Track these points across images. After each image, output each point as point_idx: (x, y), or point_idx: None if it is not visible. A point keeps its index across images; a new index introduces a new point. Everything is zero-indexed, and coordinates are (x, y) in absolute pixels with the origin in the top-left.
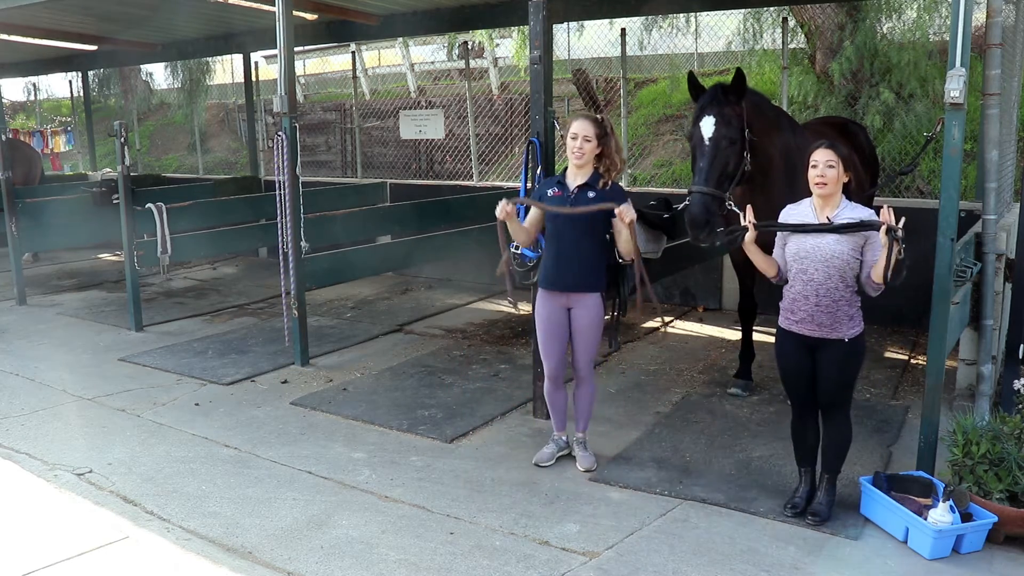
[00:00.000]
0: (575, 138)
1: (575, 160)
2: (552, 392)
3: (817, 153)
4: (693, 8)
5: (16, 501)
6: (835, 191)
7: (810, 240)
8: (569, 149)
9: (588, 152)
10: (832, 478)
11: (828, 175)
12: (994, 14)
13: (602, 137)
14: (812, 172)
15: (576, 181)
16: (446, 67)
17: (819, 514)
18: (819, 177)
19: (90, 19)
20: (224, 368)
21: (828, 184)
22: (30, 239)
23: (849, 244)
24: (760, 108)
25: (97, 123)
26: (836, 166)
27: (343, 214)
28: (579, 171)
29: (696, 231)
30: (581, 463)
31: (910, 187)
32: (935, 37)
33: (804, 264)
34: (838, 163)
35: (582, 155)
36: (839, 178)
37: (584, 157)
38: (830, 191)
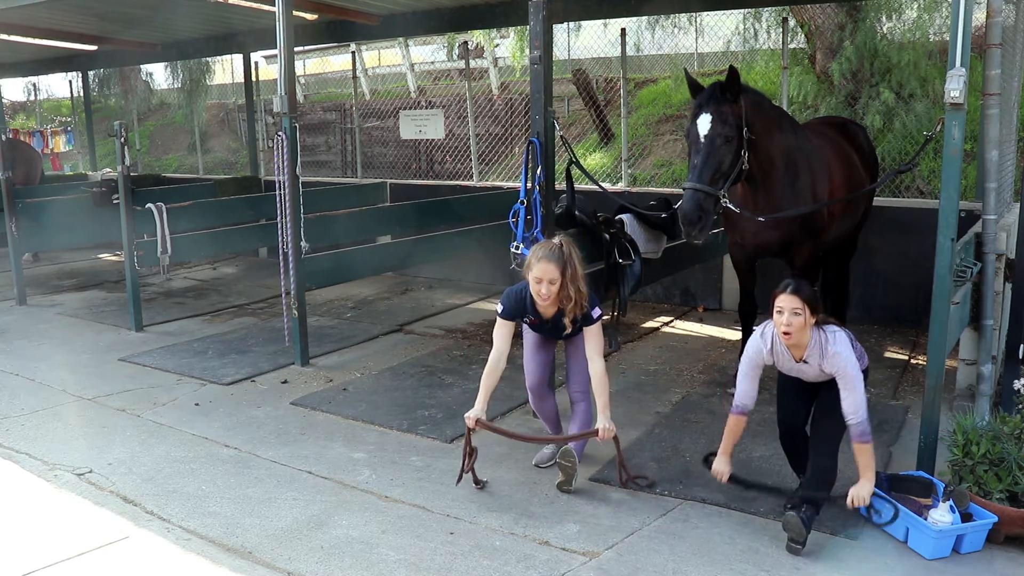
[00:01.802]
0: (539, 282)
1: (541, 302)
2: (537, 403)
3: (782, 298)
4: (693, 8)
5: (16, 501)
6: (801, 338)
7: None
8: (534, 291)
9: (554, 292)
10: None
11: (794, 324)
12: (994, 14)
13: (564, 271)
14: (777, 318)
15: (549, 312)
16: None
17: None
18: (785, 326)
19: (90, 19)
20: (224, 368)
21: (793, 334)
22: (30, 239)
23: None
24: (760, 107)
25: (97, 123)
26: (802, 312)
27: (343, 214)
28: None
29: (688, 228)
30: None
31: (910, 187)
32: (935, 37)
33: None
34: (803, 309)
35: (547, 298)
36: (805, 324)
37: (550, 299)
38: (796, 340)
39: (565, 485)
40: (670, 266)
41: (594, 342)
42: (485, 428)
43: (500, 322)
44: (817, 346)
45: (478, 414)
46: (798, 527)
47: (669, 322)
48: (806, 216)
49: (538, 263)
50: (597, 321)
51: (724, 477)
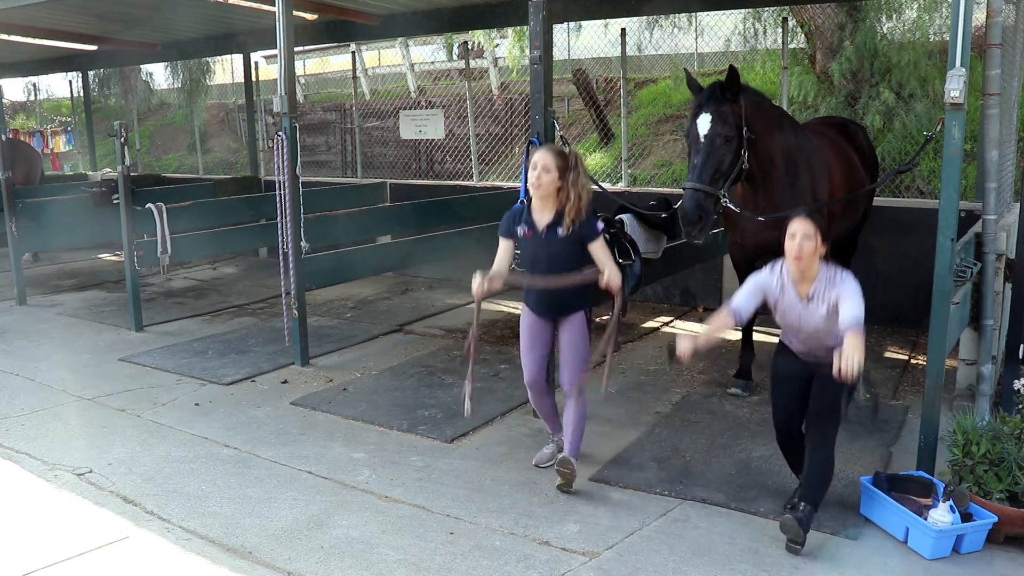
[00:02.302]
0: (534, 167)
1: (534, 191)
2: (536, 400)
3: (795, 224)
4: (693, 8)
5: (16, 501)
6: (811, 264)
7: (792, 314)
8: (530, 179)
9: (546, 184)
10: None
11: (805, 249)
12: (994, 14)
13: (564, 170)
14: (789, 244)
15: (544, 218)
16: (446, 67)
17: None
18: (796, 250)
19: (90, 19)
20: (224, 368)
21: (804, 259)
22: (30, 239)
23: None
24: (760, 107)
25: (97, 123)
26: (813, 238)
27: (343, 214)
28: (544, 205)
29: (688, 227)
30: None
31: (910, 187)
32: (935, 37)
33: (793, 329)
34: (815, 235)
35: (539, 186)
36: (815, 251)
37: (541, 189)
38: (806, 265)
39: (565, 487)
40: (670, 266)
41: (601, 253)
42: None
43: (501, 241)
44: (825, 279)
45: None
46: (795, 528)
47: (669, 322)
48: None
49: (539, 151)
50: (600, 235)
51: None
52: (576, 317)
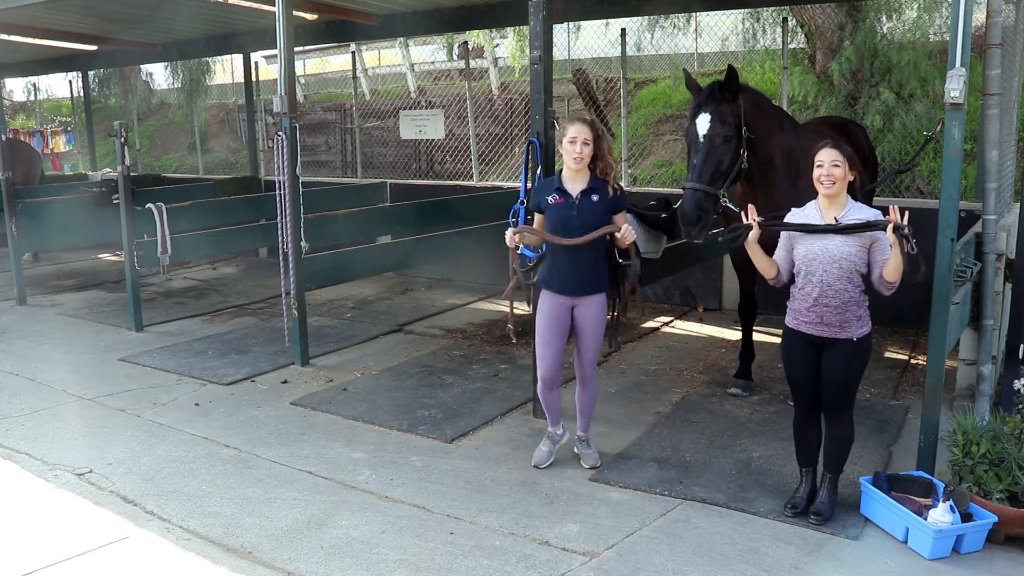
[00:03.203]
0: (574, 142)
1: (575, 165)
2: (545, 393)
3: (822, 153)
4: (693, 8)
5: (16, 501)
6: (841, 190)
7: (817, 242)
8: (567, 153)
9: (587, 155)
10: (834, 478)
11: (835, 174)
12: (994, 14)
13: (597, 140)
14: (817, 171)
15: (577, 186)
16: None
17: (822, 513)
18: (825, 176)
19: (90, 19)
20: (224, 368)
21: (836, 183)
22: (30, 239)
23: (856, 245)
24: (760, 107)
25: (97, 123)
26: (842, 165)
27: (343, 214)
28: (576, 175)
29: (688, 227)
30: (586, 460)
31: (910, 187)
32: (935, 37)
33: (812, 266)
34: (843, 162)
35: (582, 159)
36: (844, 176)
37: (583, 161)
38: (836, 191)
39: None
40: (670, 266)
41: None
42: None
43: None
44: (853, 207)
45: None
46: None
47: (669, 322)
48: None
49: (572, 125)
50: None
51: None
52: (595, 299)
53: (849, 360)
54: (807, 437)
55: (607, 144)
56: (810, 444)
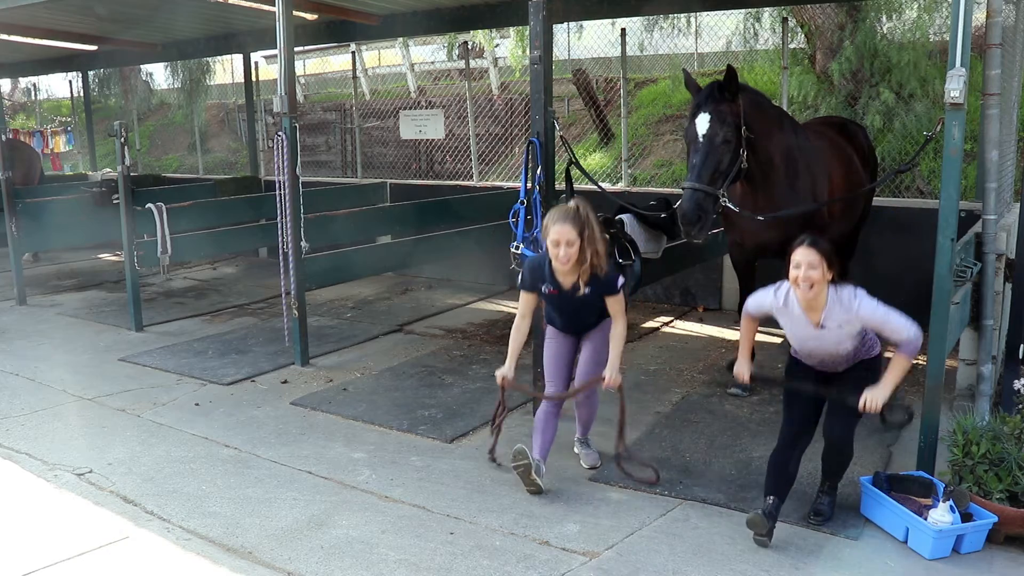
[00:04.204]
0: (557, 245)
1: (560, 265)
2: (549, 415)
3: (799, 253)
4: (693, 8)
5: (16, 501)
6: (818, 292)
7: (810, 342)
8: (552, 255)
9: (573, 256)
10: (834, 482)
11: (812, 276)
12: (994, 14)
13: (582, 232)
14: (794, 272)
15: (569, 280)
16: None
17: (822, 513)
18: (803, 280)
19: (90, 19)
20: (224, 368)
21: (811, 288)
22: (30, 239)
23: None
24: (760, 107)
25: (97, 123)
26: (819, 267)
27: (343, 214)
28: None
29: (688, 227)
30: (585, 460)
31: (910, 187)
32: (935, 37)
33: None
34: (820, 263)
35: (566, 261)
36: (823, 278)
37: (570, 262)
38: (814, 294)
39: (531, 487)
40: (670, 266)
41: (618, 306)
42: (512, 387)
43: (522, 294)
44: (836, 304)
45: (506, 373)
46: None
47: (669, 322)
48: (806, 216)
49: (555, 225)
50: (620, 291)
51: (745, 377)
52: (600, 327)
53: (859, 378)
54: (786, 468)
55: (593, 234)
56: (787, 474)
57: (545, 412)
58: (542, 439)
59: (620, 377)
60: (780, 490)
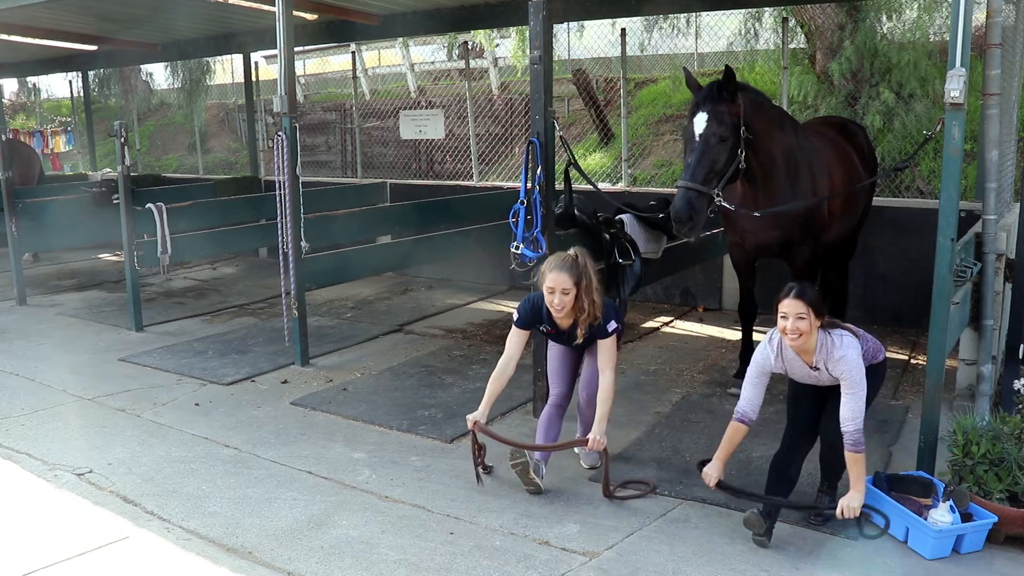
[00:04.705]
0: (552, 292)
1: (555, 312)
2: (552, 418)
3: (785, 304)
4: (693, 8)
5: (16, 501)
6: (807, 340)
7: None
8: (548, 302)
9: (568, 304)
10: (833, 482)
11: (800, 327)
12: (994, 14)
13: (579, 282)
14: (782, 323)
15: (566, 323)
16: (446, 67)
17: (823, 514)
18: (791, 331)
19: (90, 19)
20: (224, 368)
21: (800, 338)
22: (30, 239)
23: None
24: (760, 107)
25: (97, 123)
26: (807, 316)
27: (343, 214)
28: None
29: (679, 226)
30: (585, 460)
31: (910, 187)
32: (935, 37)
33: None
34: (808, 312)
35: (563, 307)
36: (811, 327)
37: (565, 309)
38: (802, 342)
39: (530, 486)
40: (670, 266)
41: (607, 355)
42: (483, 432)
43: (514, 330)
44: (823, 350)
45: (478, 417)
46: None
47: (669, 322)
48: (805, 216)
49: (551, 273)
50: (612, 335)
51: (712, 482)
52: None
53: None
54: (787, 470)
55: (590, 284)
56: (788, 478)
57: (548, 414)
58: (544, 437)
59: (605, 440)
60: (781, 492)
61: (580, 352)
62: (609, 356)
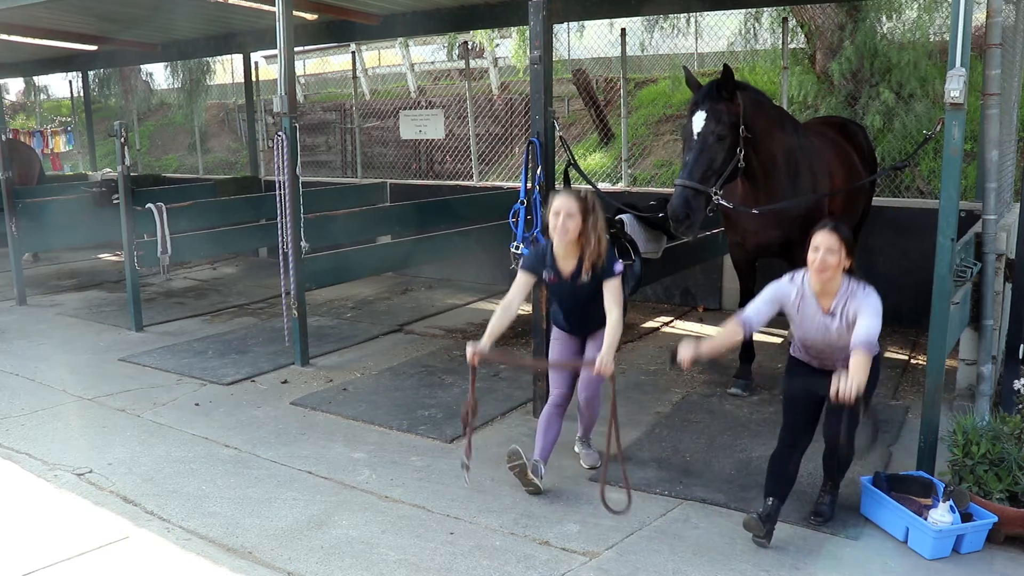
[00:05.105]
0: (557, 215)
1: (559, 238)
2: (552, 416)
3: (819, 236)
4: (693, 8)
5: (16, 501)
6: (833, 277)
7: (814, 331)
8: (551, 227)
9: (572, 230)
10: (835, 482)
11: (829, 261)
12: (994, 14)
13: (585, 213)
14: (812, 255)
15: (568, 265)
16: (446, 67)
17: (822, 514)
18: (819, 264)
19: (90, 19)
20: (224, 368)
21: (827, 272)
22: (30, 239)
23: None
24: (761, 106)
25: (97, 123)
26: (837, 253)
27: (343, 214)
28: (567, 251)
29: (676, 224)
30: (585, 460)
31: (910, 187)
32: (935, 37)
33: (811, 342)
34: (839, 249)
35: (566, 232)
36: (839, 265)
37: (568, 235)
38: (827, 278)
39: (529, 487)
40: (670, 266)
41: (613, 295)
42: (486, 359)
43: (520, 273)
44: (847, 292)
45: (482, 346)
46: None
47: (669, 322)
48: (806, 215)
49: (557, 198)
50: (618, 276)
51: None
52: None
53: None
54: (786, 469)
55: (598, 222)
56: (787, 475)
57: (548, 414)
58: (544, 441)
59: (612, 366)
60: (780, 491)
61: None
62: (615, 296)
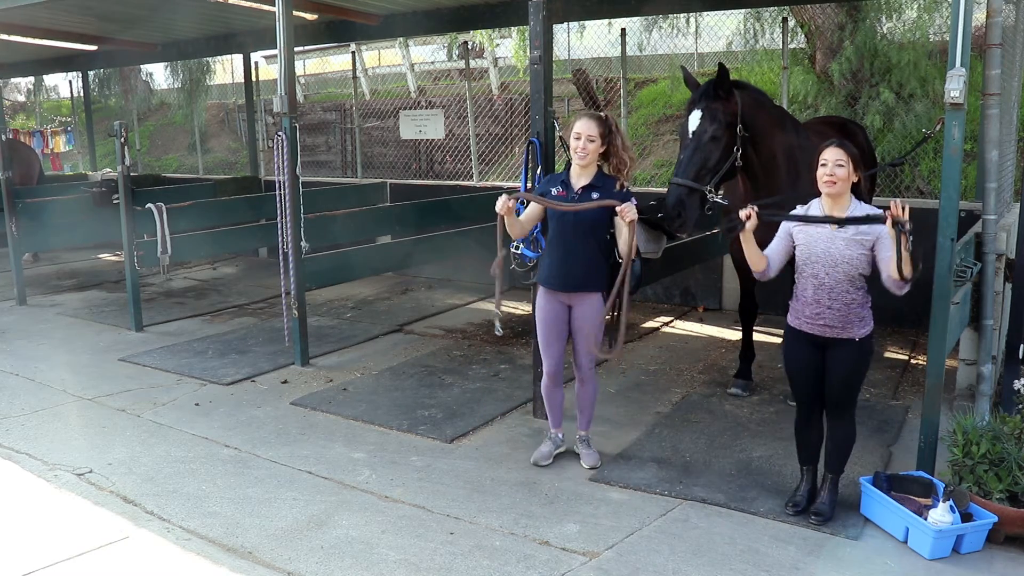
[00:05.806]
0: (578, 138)
1: (579, 160)
2: (550, 389)
3: (827, 152)
4: (693, 8)
5: (16, 501)
6: (843, 191)
7: (820, 245)
8: (572, 149)
9: (592, 152)
10: (835, 478)
11: (838, 174)
12: (994, 14)
13: (607, 135)
14: (821, 171)
15: (580, 182)
16: (446, 67)
17: (822, 513)
18: (828, 176)
19: (90, 19)
20: (224, 368)
21: (838, 183)
22: (30, 239)
23: (859, 248)
24: (761, 105)
25: (97, 123)
26: (846, 165)
27: (343, 214)
28: (583, 171)
29: (670, 222)
30: (585, 460)
31: (910, 187)
32: (935, 37)
33: (815, 268)
34: (848, 162)
35: (586, 154)
36: (848, 177)
37: (588, 157)
38: (839, 190)
39: None
40: (670, 266)
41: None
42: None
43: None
44: (858, 209)
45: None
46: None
47: (669, 322)
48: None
49: (579, 120)
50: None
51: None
52: (591, 299)
53: (852, 361)
54: (808, 437)
55: (621, 141)
56: (811, 443)
57: (546, 386)
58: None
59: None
60: (811, 457)
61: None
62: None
